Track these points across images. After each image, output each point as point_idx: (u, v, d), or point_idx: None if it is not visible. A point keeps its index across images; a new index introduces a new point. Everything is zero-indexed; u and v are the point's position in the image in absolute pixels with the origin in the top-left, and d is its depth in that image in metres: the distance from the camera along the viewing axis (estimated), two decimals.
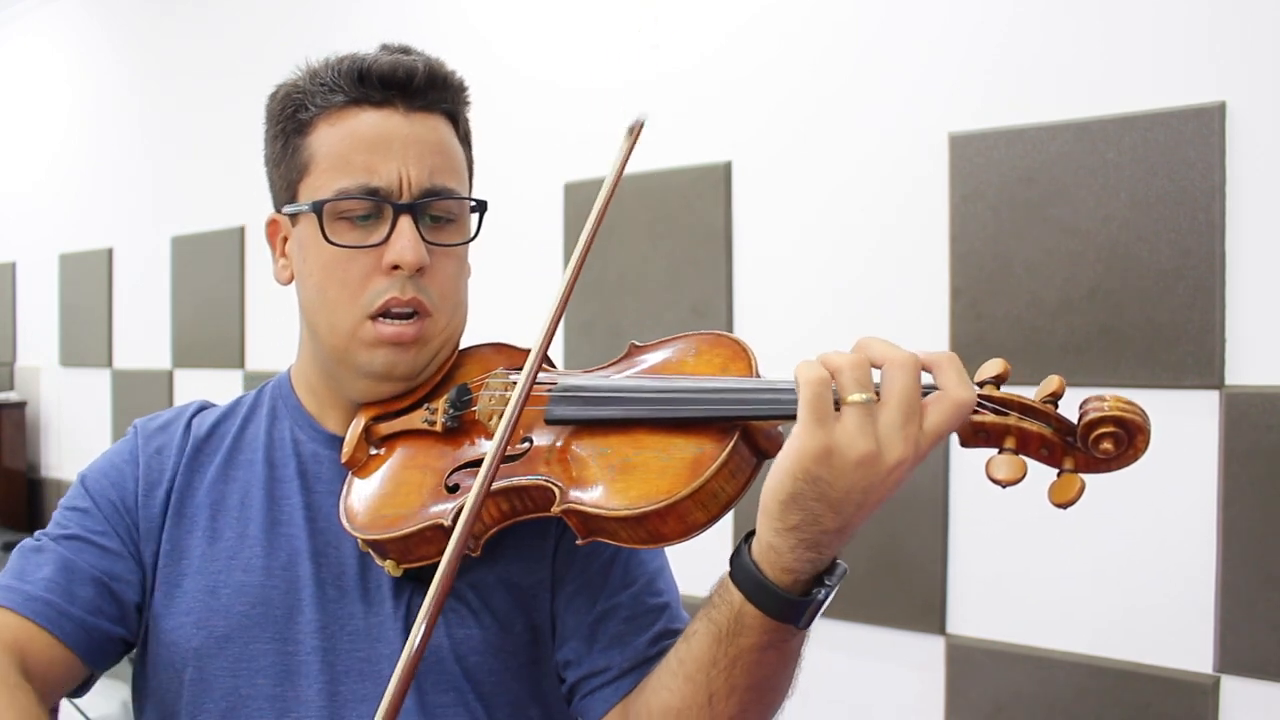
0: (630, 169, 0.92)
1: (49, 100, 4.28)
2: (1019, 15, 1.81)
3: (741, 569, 0.78)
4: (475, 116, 1.04)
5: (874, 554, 1.94)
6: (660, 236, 2.25)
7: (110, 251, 3.85)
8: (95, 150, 4.00)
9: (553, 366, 1.00)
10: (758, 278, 2.15)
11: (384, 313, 0.95)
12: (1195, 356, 1.63)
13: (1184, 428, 1.65)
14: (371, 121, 0.95)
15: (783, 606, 0.76)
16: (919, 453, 0.72)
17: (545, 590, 0.98)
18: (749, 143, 2.15)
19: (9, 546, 3.42)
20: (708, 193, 2.18)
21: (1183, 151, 1.64)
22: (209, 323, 3.38)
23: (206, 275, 3.38)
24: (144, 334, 3.67)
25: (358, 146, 0.94)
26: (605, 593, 0.97)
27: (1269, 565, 1.58)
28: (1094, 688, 1.72)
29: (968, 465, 1.82)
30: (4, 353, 4.50)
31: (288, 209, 0.99)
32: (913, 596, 1.91)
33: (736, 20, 2.17)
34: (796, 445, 0.72)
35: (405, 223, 0.94)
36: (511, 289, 2.57)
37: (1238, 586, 1.60)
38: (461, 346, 1.06)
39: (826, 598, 0.77)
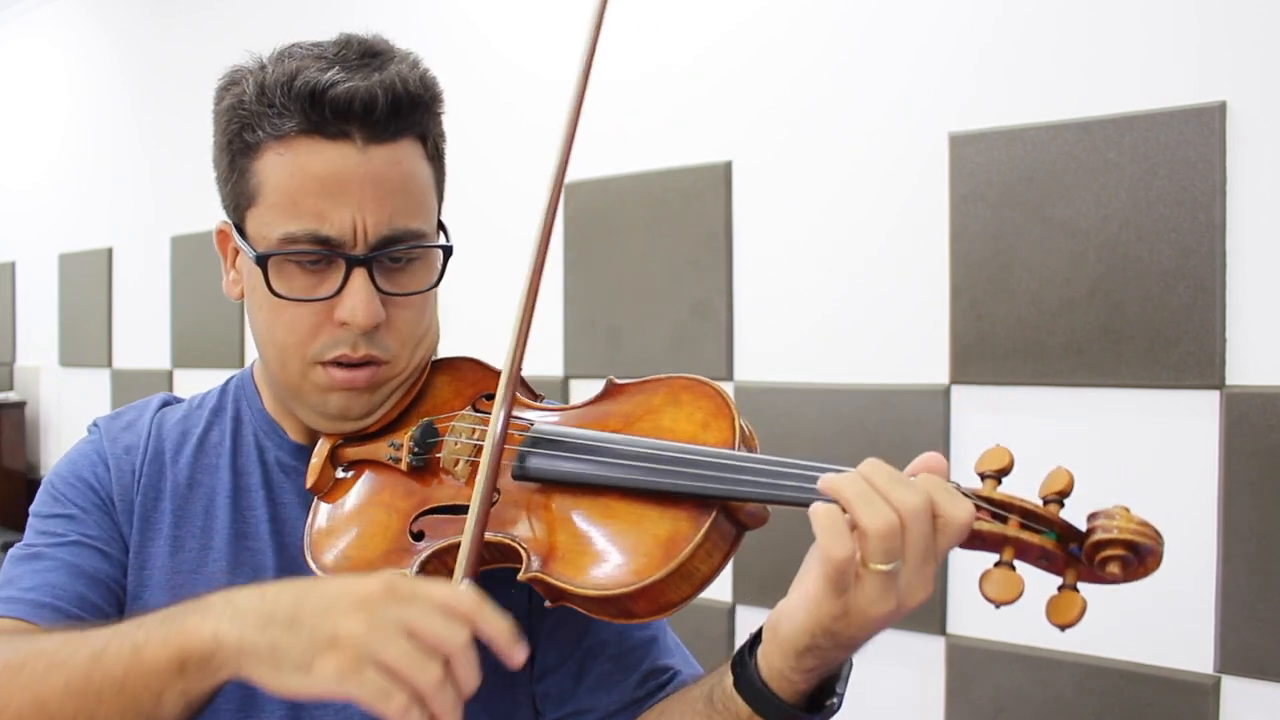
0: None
1: (49, 100, 4.28)
2: (1019, 15, 1.81)
3: (750, 688, 0.75)
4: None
5: None
6: (660, 236, 2.24)
7: (110, 251, 3.85)
8: (95, 150, 4.00)
9: (531, 393, 0.95)
10: (758, 278, 2.14)
11: (335, 362, 0.89)
12: (1195, 356, 1.63)
13: (1184, 428, 1.65)
14: (324, 159, 0.85)
15: None
16: (928, 585, 0.70)
17: (521, 617, 0.95)
18: (749, 142, 2.15)
19: (8, 546, 3.42)
20: (708, 193, 2.18)
21: (1183, 151, 1.63)
22: (209, 323, 3.38)
23: (206, 275, 3.38)
24: (144, 334, 3.67)
25: (307, 187, 0.85)
26: (591, 627, 0.92)
27: (1269, 565, 1.58)
28: (1094, 688, 1.72)
29: (968, 465, 1.82)
30: (4, 353, 4.50)
31: (236, 240, 0.92)
32: None
33: (737, 19, 2.17)
34: (814, 607, 0.70)
35: (358, 278, 0.85)
36: (509, 289, 2.56)
37: (1238, 586, 1.60)
38: (441, 355, 1.00)
39: (839, 705, 0.76)
